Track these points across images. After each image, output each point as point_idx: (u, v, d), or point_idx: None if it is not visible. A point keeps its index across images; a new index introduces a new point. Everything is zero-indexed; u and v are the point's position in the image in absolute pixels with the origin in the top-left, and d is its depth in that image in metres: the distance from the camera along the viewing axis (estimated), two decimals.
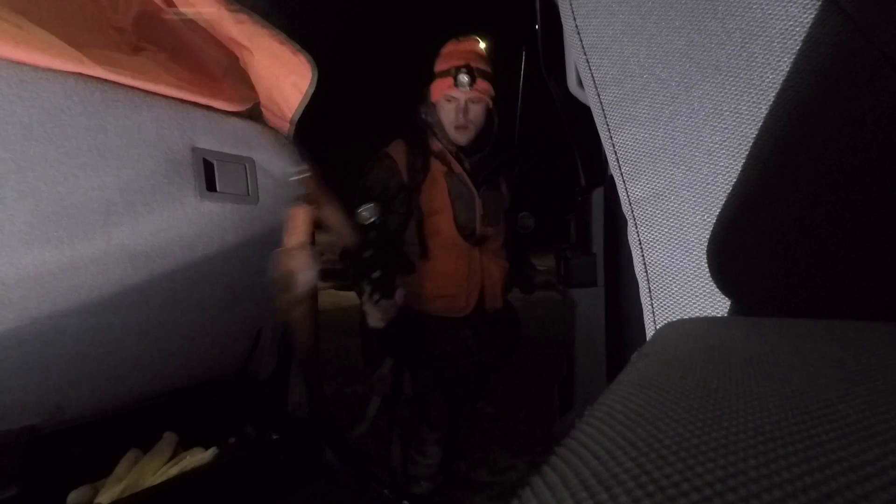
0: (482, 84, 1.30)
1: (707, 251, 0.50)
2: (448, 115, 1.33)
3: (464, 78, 1.26)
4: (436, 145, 1.36)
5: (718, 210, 0.49)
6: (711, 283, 0.50)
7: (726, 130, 0.48)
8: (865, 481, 0.13)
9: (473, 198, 1.37)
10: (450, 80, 1.29)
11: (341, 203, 1.30)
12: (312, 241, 1.22)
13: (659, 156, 0.52)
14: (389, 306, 1.23)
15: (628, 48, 0.53)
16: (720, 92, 0.47)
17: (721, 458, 0.15)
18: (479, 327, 1.40)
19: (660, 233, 0.53)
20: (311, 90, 1.06)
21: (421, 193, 1.33)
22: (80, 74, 0.77)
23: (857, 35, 0.40)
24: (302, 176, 1.08)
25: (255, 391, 1.24)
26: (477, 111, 1.33)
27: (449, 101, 1.32)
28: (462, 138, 1.34)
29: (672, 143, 0.51)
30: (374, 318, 1.23)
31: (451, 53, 1.33)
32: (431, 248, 1.35)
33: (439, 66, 1.34)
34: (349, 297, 1.76)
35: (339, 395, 2.85)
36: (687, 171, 0.50)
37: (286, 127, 1.11)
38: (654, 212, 0.53)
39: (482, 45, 1.36)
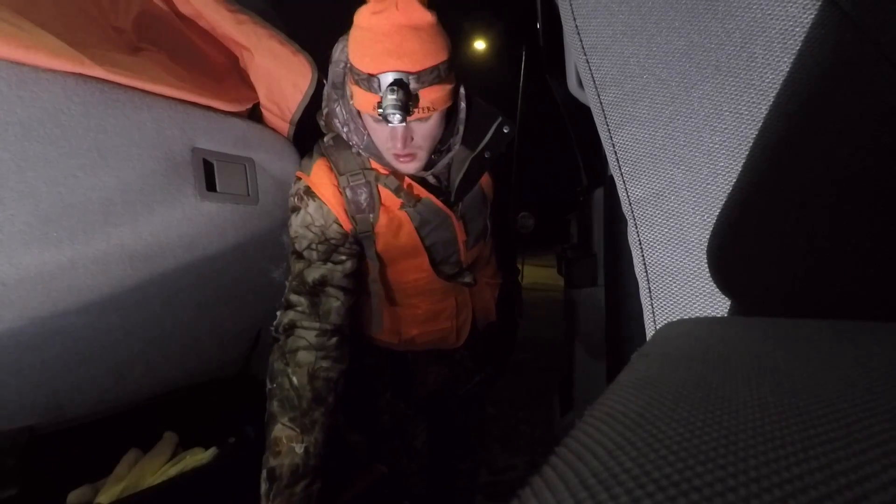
0: (430, 95, 0.76)
1: (707, 251, 0.50)
2: (380, 137, 0.82)
3: (395, 116, 0.72)
4: (378, 166, 0.88)
5: (718, 210, 0.49)
6: (711, 283, 0.50)
7: (726, 131, 0.48)
8: (865, 481, 0.13)
9: (451, 223, 0.95)
10: (374, 100, 0.74)
11: None
12: None
13: (659, 156, 0.52)
14: None
15: (628, 48, 0.53)
16: (720, 92, 0.47)
17: (721, 458, 0.15)
18: (474, 346, 1.13)
19: (660, 233, 0.53)
20: (312, 90, 1.05)
21: (377, 237, 0.91)
22: (80, 74, 0.77)
23: (857, 35, 0.40)
24: None
25: (255, 391, 1.24)
26: (425, 130, 0.81)
27: (378, 121, 0.78)
28: (407, 168, 0.85)
29: (672, 143, 0.51)
30: None
31: (369, 39, 0.73)
32: (405, 297, 1.00)
33: (356, 57, 0.75)
34: None
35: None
36: (687, 171, 0.50)
37: (286, 127, 1.12)
38: (654, 212, 0.53)
39: (421, 6, 0.73)
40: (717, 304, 0.50)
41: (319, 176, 0.88)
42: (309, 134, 1.16)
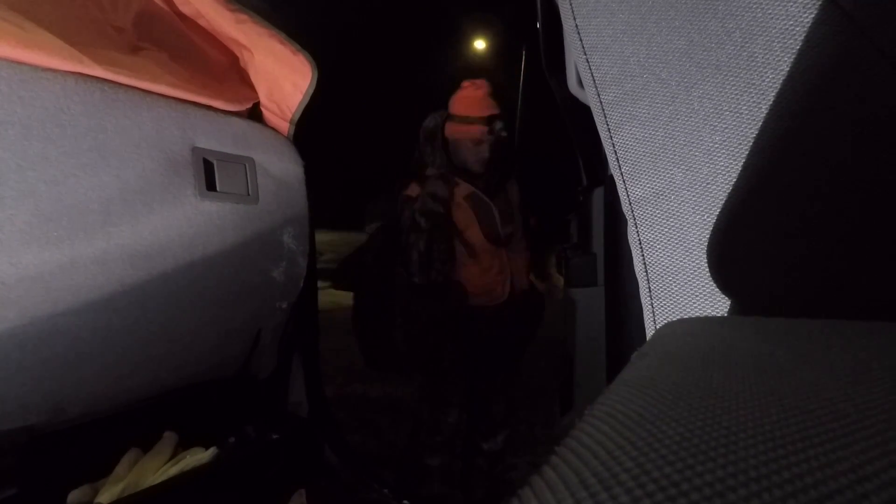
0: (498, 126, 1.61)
1: (707, 251, 0.50)
2: (472, 153, 1.60)
3: (503, 133, 1.57)
4: (453, 178, 1.62)
5: (718, 210, 0.49)
6: (711, 283, 0.50)
7: (726, 130, 0.48)
8: (865, 481, 0.13)
9: (491, 209, 1.64)
10: (484, 129, 1.55)
11: (340, 202, 1.30)
12: (313, 241, 1.23)
13: (659, 156, 0.52)
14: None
15: (628, 48, 0.53)
16: (720, 92, 0.47)
17: (721, 458, 0.15)
18: (514, 306, 1.70)
19: (660, 233, 0.53)
20: (312, 90, 1.05)
21: (452, 216, 1.61)
22: (80, 74, 0.77)
23: (857, 35, 0.40)
24: None
25: (255, 391, 1.24)
26: (496, 149, 1.63)
27: (478, 143, 1.57)
28: (482, 168, 1.62)
29: (672, 143, 0.51)
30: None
31: (475, 101, 1.58)
32: (470, 255, 1.63)
33: (464, 110, 1.58)
34: (349, 296, 1.77)
35: (339, 395, 2.85)
36: (687, 171, 0.50)
37: (286, 127, 1.11)
38: (654, 212, 0.53)
39: (489, 84, 1.63)
40: (717, 304, 0.50)
41: (413, 189, 1.64)
42: (309, 134, 1.16)
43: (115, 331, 0.87)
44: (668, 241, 0.53)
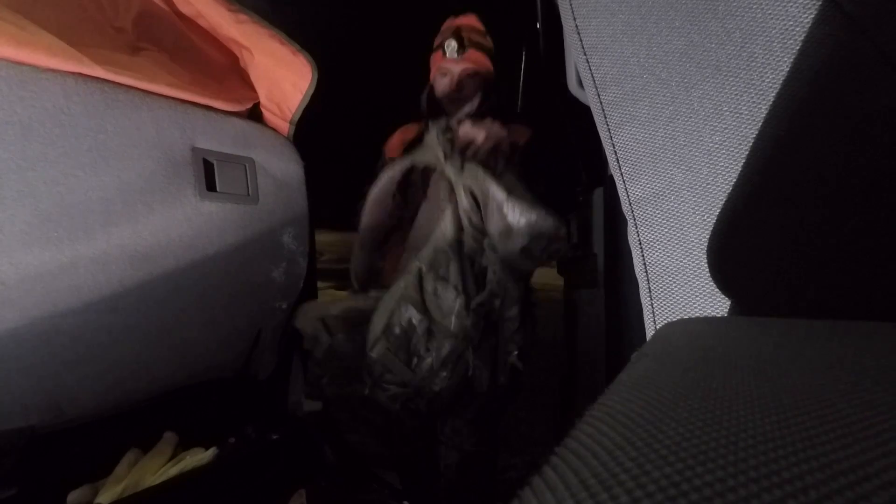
0: (474, 54, 1.21)
1: (707, 251, 0.50)
2: (442, 88, 1.25)
3: (452, 43, 1.19)
4: (420, 123, 1.33)
5: (718, 210, 0.49)
6: (711, 283, 0.50)
7: (726, 130, 0.48)
8: (865, 481, 0.13)
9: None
10: (441, 53, 1.22)
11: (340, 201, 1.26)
12: (313, 241, 1.22)
13: (659, 156, 0.52)
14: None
15: (628, 48, 0.53)
16: (720, 92, 0.47)
17: (721, 458, 0.15)
18: None
19: (660, 233, 0.53)
20: (311, 90, 1.05)
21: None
22: (80, 74, 0.77)
23: (857, 35, 0.40)
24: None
25: (255, 391, 1.24)
26: (471, 85, 1.24)
27: (444, 74, 1.24)
28: (453, 107, 1.26)
29: (672, 143, 0.51)
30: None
31: (445, 29, 1.27)
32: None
33: (435, 41, 1.29)
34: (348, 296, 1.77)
35: (339, 395, 2.85)
36: (687, 171, 0.50)
37: (286, 127, 1.11)
38: (654, 212, 0.53)
39: (478, 21, 1.28)
40: (717, 304, 0.50)
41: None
42: (309, 134, 1.16)
43: (115, 331, 0.87)
44: (668, 241, 0.53)
